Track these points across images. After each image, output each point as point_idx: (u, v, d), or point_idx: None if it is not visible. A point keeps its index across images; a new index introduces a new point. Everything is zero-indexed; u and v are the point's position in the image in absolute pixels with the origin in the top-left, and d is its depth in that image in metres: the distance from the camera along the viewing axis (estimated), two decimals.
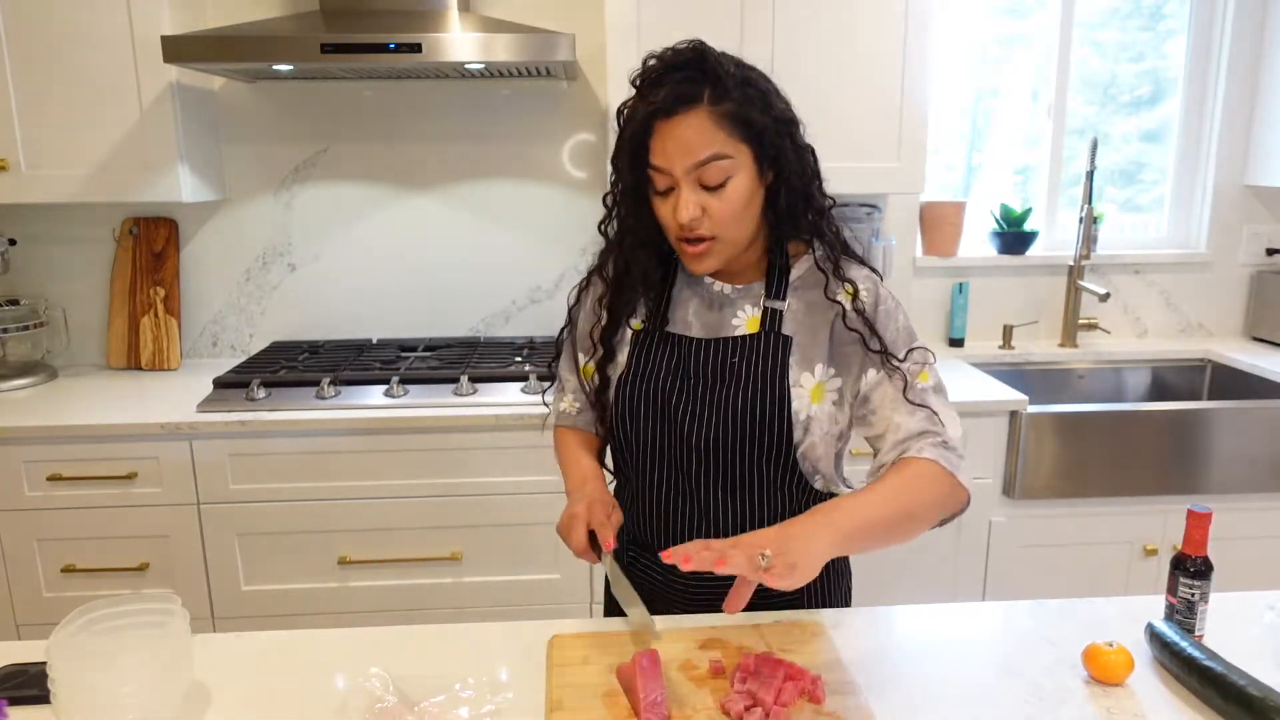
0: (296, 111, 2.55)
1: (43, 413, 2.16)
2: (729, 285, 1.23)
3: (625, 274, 1.24)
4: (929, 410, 1.14)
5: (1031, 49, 2.83)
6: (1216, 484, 2.31)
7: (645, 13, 2.21)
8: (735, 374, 1.18)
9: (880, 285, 1.20)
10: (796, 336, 1.19)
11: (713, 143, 1.07)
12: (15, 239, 2.52)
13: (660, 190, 1.13)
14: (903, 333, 1.18)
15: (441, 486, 2.17)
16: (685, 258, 1.17)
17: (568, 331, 1.36)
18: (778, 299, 1.20)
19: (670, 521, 1.25)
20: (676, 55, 1.10)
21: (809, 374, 1.18)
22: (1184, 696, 1.03)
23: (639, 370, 1.23)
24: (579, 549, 1.18)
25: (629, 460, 1.27)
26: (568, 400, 1.39)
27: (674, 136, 1.08)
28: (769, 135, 1.10)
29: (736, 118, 1.08)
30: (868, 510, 1.04)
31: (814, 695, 1.01)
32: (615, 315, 1.26)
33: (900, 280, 2.78)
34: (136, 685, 0.96)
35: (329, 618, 2.20)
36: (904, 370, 1.15)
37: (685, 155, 1.08)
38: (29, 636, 2.17)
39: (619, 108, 1.15)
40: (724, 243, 1.14)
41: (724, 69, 1.09)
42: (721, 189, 1.10)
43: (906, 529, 1.07)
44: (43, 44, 2.17)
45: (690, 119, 1.07)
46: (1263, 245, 2.87)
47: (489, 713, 1.01)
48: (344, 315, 2.68)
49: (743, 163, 1.10)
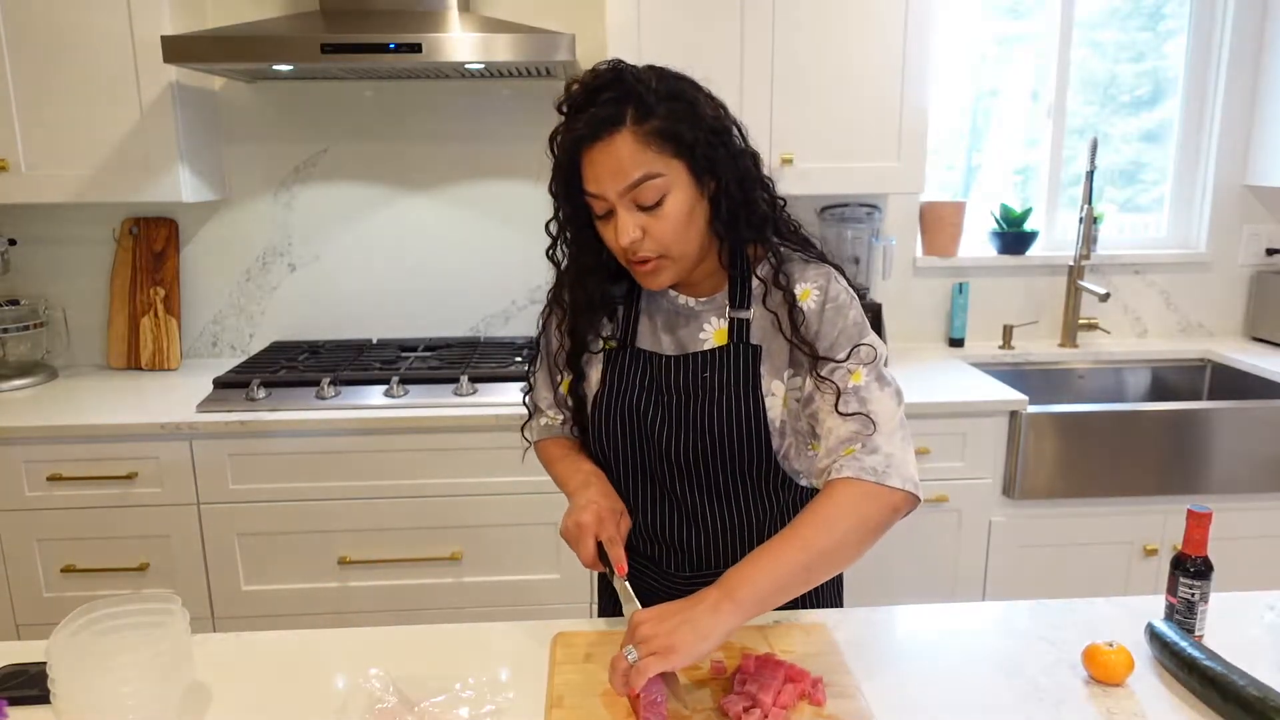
0: (296, 111, 2.55)
1: (43, 413, 2.16)
2: (692, 299, 1.21)
3: (581, 300, 1.22)
4: (862, 413, 1.10)
5: (1031, 49, 2.83)
6: (1216, 484, 2.31)
7: (645, 13, 2.21)
8: (708, 388, 1.17)
9: (833, 281, 1.16)
10: (765, 344, 1.18)
11: (641, 163, 1.05)
12: (15, 239, 2.53)
13: (600, 215, 1.11)
14: (850, 329, 1.14)
15: (441, 486, 2.17)
16: (638, 276, 1.15)
17: (540, 359, 1.34)
18: (743, 308, 1.18)
19: (658, 530, 1.25)
20: (596, 77, 1.08)
21: (779, 381, 1.18)
22: (1184, 696, 1.03)
23: (613, 389, 1.22)
24: (588, 561, 1.15)
25: (612, 474, 1.26)
26: (548, 416, 1.36)
27: (602, 162, 1.06)
28: (700, 147, 1.08)
29: (664, 134, 1.06)
30: (775, 572, 1.00)
31: (814, 698, 1.01)
32: (579, 338, 1.25)
33: (900, 280, 2.78)
34: (136, 685, 0.96)
35: (329, 618, 2.20)
36: (836, 377, 1.12)
37: (616, 179, 1.06)
38: (29, 636, 2.17)
39: (550, 134, 1.13)
40: (672, 259, 1.12)
41: (645, 85, 1.06)
42: (659, 207, 1.08)
43: (833, 564, 1.04)
44: (43, 44, 2.17)
45: (616, 142, 1.05)
46: (1263, 245, 2.87)
47: (489, 713, 1.01)
48: (344, 315, 2.68)
49: (677, 178, 1.08)
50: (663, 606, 1.00)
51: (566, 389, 1.30)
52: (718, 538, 1.23)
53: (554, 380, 1.34)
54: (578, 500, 1.21)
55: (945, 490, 2.26)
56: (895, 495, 1.06)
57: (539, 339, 1.34)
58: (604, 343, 1.25)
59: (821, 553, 1.02)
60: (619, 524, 1.18)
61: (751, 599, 0.99)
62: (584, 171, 1.09)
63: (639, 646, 0.94)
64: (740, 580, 1.00)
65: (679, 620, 0.96)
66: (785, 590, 1.01)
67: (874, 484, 1.05)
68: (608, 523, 1.16)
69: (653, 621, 0.96)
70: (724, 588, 0.99)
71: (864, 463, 1.06)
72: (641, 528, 1.26)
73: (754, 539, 1.23)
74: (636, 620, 0.98)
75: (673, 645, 0.93)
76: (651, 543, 1.26)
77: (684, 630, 0.95)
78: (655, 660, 0.93)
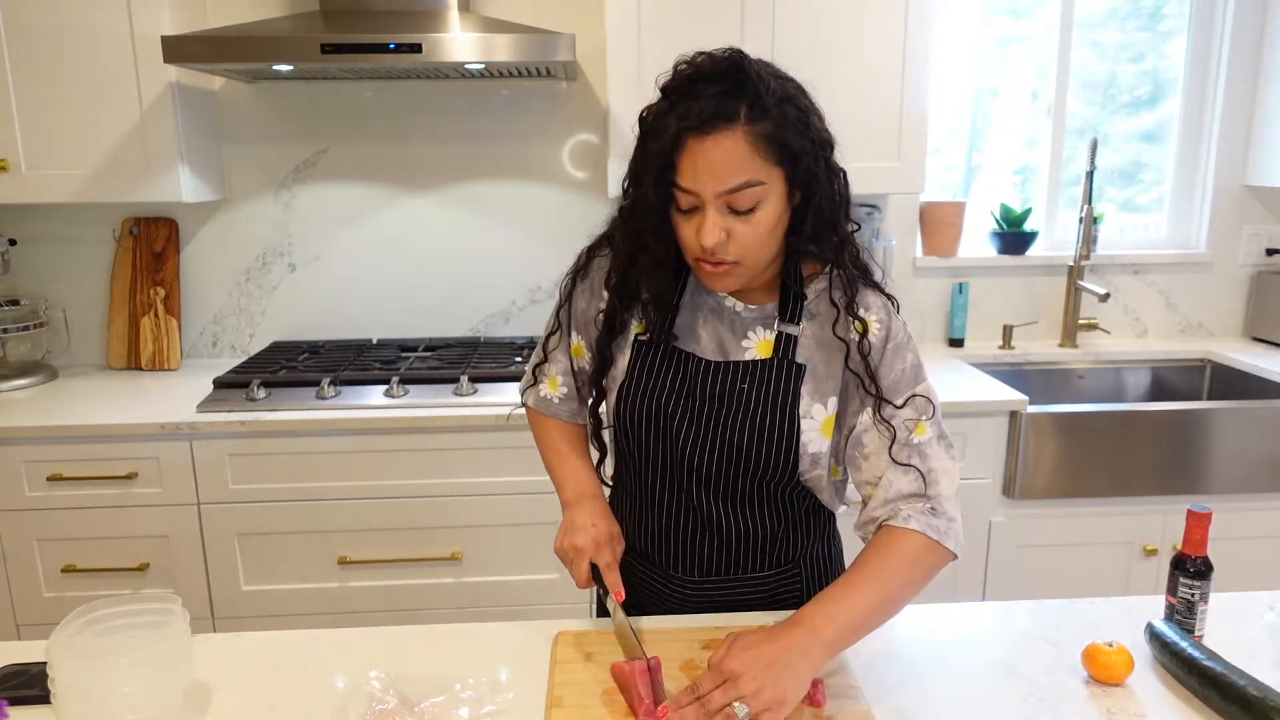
0: (296, 111, 2.55)
1: (43, 413, 2.16)
2: (740, 304, 1.17)
3: (636, 293, 1.17)
4: (920, 469, 1.09)
5: (1031, 49, 2.83)
6: (1216, 484, 2.31)
7: (645, 13, 2.21)
8: (744, 400, 1.13)
9: (894, 318, 1.14)
10: (810, 365, 1.14)
11: (747, 168, 1.00)
12: (15, 239, 2.52)
13: (683, 208, 1.05)
14: (909, 372, 1.12)
15: (441, 486, 2.17)
16: (703, 275, 1.10)
17: (565, 310, 1.28)
18: (792, 323, 1.14)
19: (673, 533, 1.23)
20: (713, 64, 1.01)
21: (821, 406, 1.14)
22: (1184, 696, 1.03)
23: (641, 384, 1.18)
24: (582, 583, 1.16)
25: (629, 469, 1.25)
26: (552, 382, 1.31)
27: (706, 158, 0.99)
28: (805, 159, 1.02)
29: (773, 139, 1.00)
30: (853, 610, 1.01)
31: (814, 698, 1.01)
32: (619, 326, 1.20)
33: (900, 280, 2.78)
34: (136, 685, 0.96)
35: (329, 618, 2.20)
36: (897, 423, 1.10)
37: (717, 180, 1.00)
38: (29, 636, 2.17)
39: (641, 113, 1.06)
40: (746, 267, 1.07)
41: (764, 84, 1.00)
42: (750, 214, 1.02)
43: (892, 611, 1.06)
44: (43, 44, 2.17)
45: (725, 140, 0.98)
46: (1263, 245, 2.87)
47: (489, 713, 1.01)
48: (344, 315, 2.68)
49: (774, 188, 1.02)
50: (747, 649, 0.96)
51: (579, 351, 1.27)
52: (729, 544, 1.21)
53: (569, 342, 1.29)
54: (574, 519, 1.20)
55: None
56: (948, 555, 1.08)
57: (561, 309, 1.28)
58: (638, 328, 1.20)
59: (891, 595, 1.04)
60: (615, 549, 1.18)
61: (837, 639, 1.00)
62: (681, 162, 1.01)
63: (750, 701, 0.91)
64: (825, 620, 1.00)
65: (780, 669, 0.94)
66: (861, 629, 1.02)
67: (936, 541, 1.07)
68: (604, 549, 1.17)
69: (752, 672, 0.93)
70: (808, 627, 0.99)
71: (931, 521, 1.07)
72: (652, 526, 1.24)
73: (765, 548, 1.22)
74: (731, 669, 0.94)
75: (782, 698, 0.92)
76: (660, 544, 1.25)
77: (787, 679, 0.94)
78: (772, 715, 0.91)
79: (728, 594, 1.24)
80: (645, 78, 2.22)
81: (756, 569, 1.23)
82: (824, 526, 1.28)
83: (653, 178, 1.04)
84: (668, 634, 1.16)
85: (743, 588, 1.24)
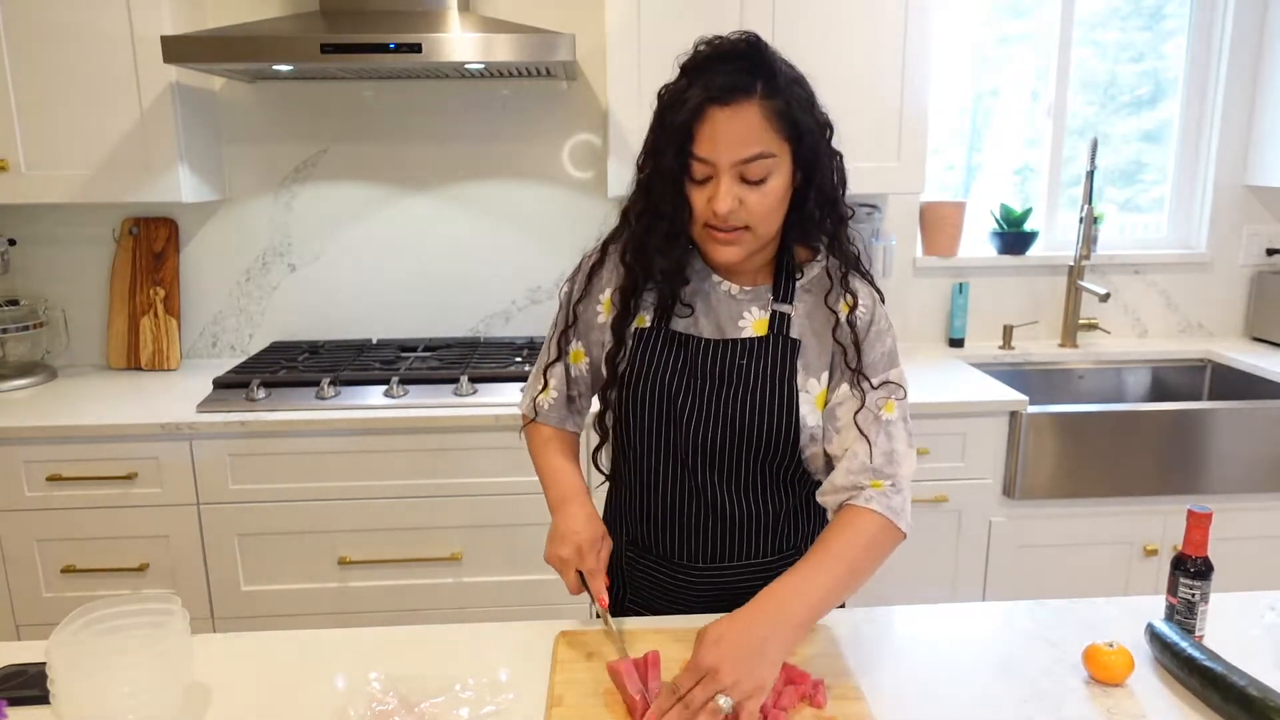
0: (296, 111, 2.55)
1: (43, 413, 2.16)
2: (735, 286, 1.22)
3: (653, 266, 1.18)
4: (885, 448, 1.14)
5: (1031, 49, 2.83)
6: (1216, 484, 2.31)
7: (645, 13, 2.21)
8: (743, 376, 1.18)
9: (879, 305, 1.20)
10: (804, 341, 1.19)
11: (762, 139, 1.06)
12: (15, 239, 2.52)
13: (697, 178, 1.10)
14: (886, 357, 1.19)
15: (441, 486, 2.17)
16: (709, 244, 1.14)
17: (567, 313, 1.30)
18: (785, 302, 1.20)
19: (676, 518, 1.24)
20: (731, 45, 1.09)
21: (815, 380, 1.19)
22: (1184, 697, 1.03)
23: (644, 370, 1.21)
24: (572, 590, 1.19)
25: (630, 459, 1.26)
26: (547, 389, 1.32)
27: (724, 127, 1.06)
28: (810, 137, 1.10)
29: (785, 116, 1.07)
30: (823, 588, 1.06)
31: (815, 700, 1.01)
32: (633, 308, 1.23)
33: (900, 280, 2.78)
34: (136, 685, 0.96)
35: (329, 618, 2.20)
36: (869, 398, 1.16)
37: (734, 149, 1.06)
38: (29, 636, 2.17)
39: (659, 90, 1.13)
40: (753, 236, 1.12)
41: (777, 65, 1.08)
42: (761, 184, 1.08)
43: (853, 588, 1.10)
44: (43, 44, 2.17)
45: (743, 111, 1.05)
46: (1263, 245, 2.87)
47: (489, 714, 1.01)
48: (344, 315, 2.68)
49: (783, 162, 1.09)
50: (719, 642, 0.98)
51: (578, 357, 1.30)
52: (732, 529, 1.23)
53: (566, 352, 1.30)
54: (558, 526, 1.23)
55: (945, 490, 2.25)
56: (899, 536, 1.14)
57: (567, 308, 1.29)
58: (640, 319, 1.24)
59: (853, 574, 1.09)
60: (599, 553, 1.20)
61: (809, 618, 1.04)
62: (699, 132, 1.07)
63: (731, 691, 0.94)
64: (798, 601, 1.04)
65: (755, 658, 0.97)
66: (828, 601, 1.06)
67: (892, 522, 1.12)
68: (588, 555, 1.18)
69: (728, 665, 0.95)
70: (779, 608, 1.02)
71: (890, 502, 1.13)
72: (655, 514, 1.26)
73: (768, 532, 1.24)
74: (708, 665, 0.96)
75: (761, 684, 0.96)
76: (663, 531, 1.26)
77: (762, 666, 0.97)
78: (754, 702, 0.95)
79: (730, 580, 1.25)
80: (645, 78, 2.24)
81: (759, 554, 1.25)
82: (823, 511, 1.29)
83: (673, 149, 1.09)
84: (668, 634, 1.16)
85: (745, 574, 1.25)
